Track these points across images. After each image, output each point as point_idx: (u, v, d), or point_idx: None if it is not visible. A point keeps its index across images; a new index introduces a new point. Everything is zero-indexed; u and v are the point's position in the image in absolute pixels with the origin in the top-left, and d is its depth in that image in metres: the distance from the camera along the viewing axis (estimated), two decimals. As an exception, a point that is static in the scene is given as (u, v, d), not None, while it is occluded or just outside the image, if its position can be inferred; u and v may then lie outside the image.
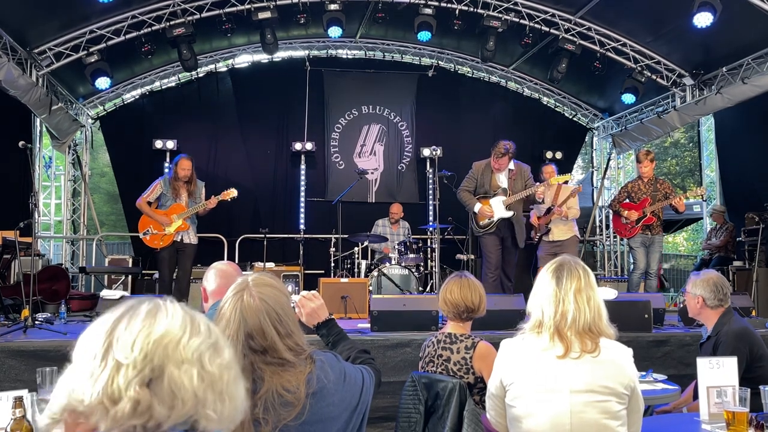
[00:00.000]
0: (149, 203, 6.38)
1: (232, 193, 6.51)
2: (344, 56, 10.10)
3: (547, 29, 8.16)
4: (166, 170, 8.92)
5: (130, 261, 8.65)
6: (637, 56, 8.36)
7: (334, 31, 7.95)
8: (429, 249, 8.50)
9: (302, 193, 9.65)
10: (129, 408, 0.87)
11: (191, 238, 6.48)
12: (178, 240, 6.36)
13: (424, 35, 8.14)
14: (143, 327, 0.92)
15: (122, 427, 0.87)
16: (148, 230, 6.28)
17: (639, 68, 8.31)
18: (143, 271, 8.46)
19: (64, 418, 0.89)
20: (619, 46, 8.31)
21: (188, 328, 0.95)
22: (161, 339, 0.92)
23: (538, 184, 6.29)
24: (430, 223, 8.68)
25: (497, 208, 6.18)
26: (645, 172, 6.71)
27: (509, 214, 6.18)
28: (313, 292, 2.26)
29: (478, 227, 6.29)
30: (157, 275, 7.06)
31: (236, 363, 1.00)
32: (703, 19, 6.65)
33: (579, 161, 14.79)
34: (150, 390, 0.89)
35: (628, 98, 8.60)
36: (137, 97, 9.59)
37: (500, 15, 7.97)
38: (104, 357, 0.90)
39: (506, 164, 6.22)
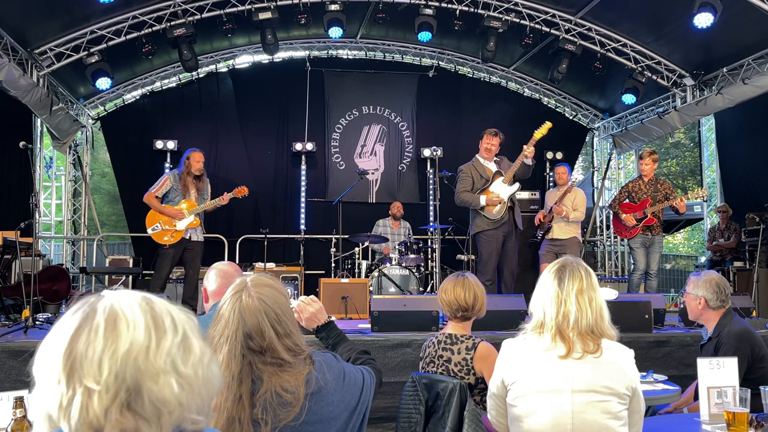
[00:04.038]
0: (157, 198, 6.21)
1: (244, 191, 6.44)
2: (345, 56, 10.10)
3: (548, 30, 8.16)
4: (167, 169, 8.95)
5: (131, 261, 8.66)
6: (637, 57, 8.36)
7: (335, 32, 7.95)
8: (429, 249, 8.50)
9: (303, 194, 9.65)
10: None
11: (199, 235, 6.33)
12: (187, 237, 6.20)
13: (425, 36, 8.14)
14: (106, 345, 0.83)
15: None
16: (157, 225, 6.11)
17: (639, 69, 8.31)
18: (144, 272, 8.46)
19: None
20: (620, 47, 8.31)
21: (153, 332, 0.86)
22: (128, 354, 0.83)
23: (523, 150, 6.09)
24: (431, 224, 8.68)
25: (501, 189, 6.12)
26: (646, 171, 6.70)
27: (515, 187, 6.14)
28: (311, 296, 2.26)
29: (491, 219, 6.06)
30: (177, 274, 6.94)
31: (206, 346, 0.93)
32: (703, 20, 6.65)
33: (579, 161, 14.78)
34: (132, 412, 0.82)
35: (629, 98, 8.59)
36: (138, 97, 9.59)
37: (501, 15, 7.97)
38: (70, 382, 0.82)
39: (497, 147, 6.23)
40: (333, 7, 7.71)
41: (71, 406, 0.81)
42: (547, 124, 6.11)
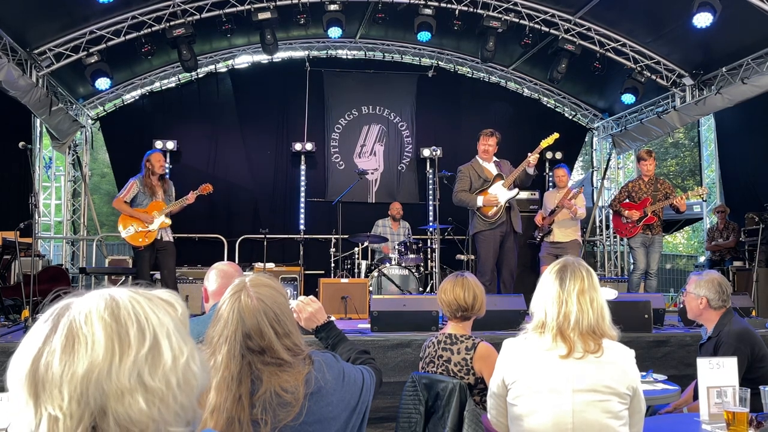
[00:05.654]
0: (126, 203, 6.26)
1: (209, 188, 6.46)
2: (344, 56, 10.10)
3: (547, 29, 8.16)
4: (167, 170, 8.93)
5: (131, 261, 8.65)
6: (636, 56, 8.36)
7: (334, 32, 7.95)
8: (429, 249, 8.50)
9: (302, 194, 9.65)
10: None
11: (170, 235, 6.42)
12: (159, 238, 6.26)
13: (424, 35, 8.14)
14: (64, 368, 0.79)
15: None
16: (130, 228, 6.18)
17: (639, 68, 8.31)
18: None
19: None
20: (619, 47, 8.31)
21: (115, 348, 0.81)
22: (87, 376, 0.79)
23: (527, 157, 6.08)
24: (430, 224, 8.67)
25: (500, 192, 6.11)
26: (649, 171, 6.71)
27: (514, 192, 6.12)
28: (310, 296, 2.26)
29: (487, 220, 6.08)
30: (158, 275, 7.03)
31: (182, 343, 0.86)
32: (702, 20, 6.65)
33: (579, 161, 14.78)
34: None
35: (628, 98, 8.60)
36: (137, 97, 9.59)
37: (500, 15, 7.97)
38: (37, 407, 0.79)
39: (494, 147, 6.21)
40: (332, 7, 7.71)
41: (39, 431, 0.79)
42: (555, 135, 6.18)
